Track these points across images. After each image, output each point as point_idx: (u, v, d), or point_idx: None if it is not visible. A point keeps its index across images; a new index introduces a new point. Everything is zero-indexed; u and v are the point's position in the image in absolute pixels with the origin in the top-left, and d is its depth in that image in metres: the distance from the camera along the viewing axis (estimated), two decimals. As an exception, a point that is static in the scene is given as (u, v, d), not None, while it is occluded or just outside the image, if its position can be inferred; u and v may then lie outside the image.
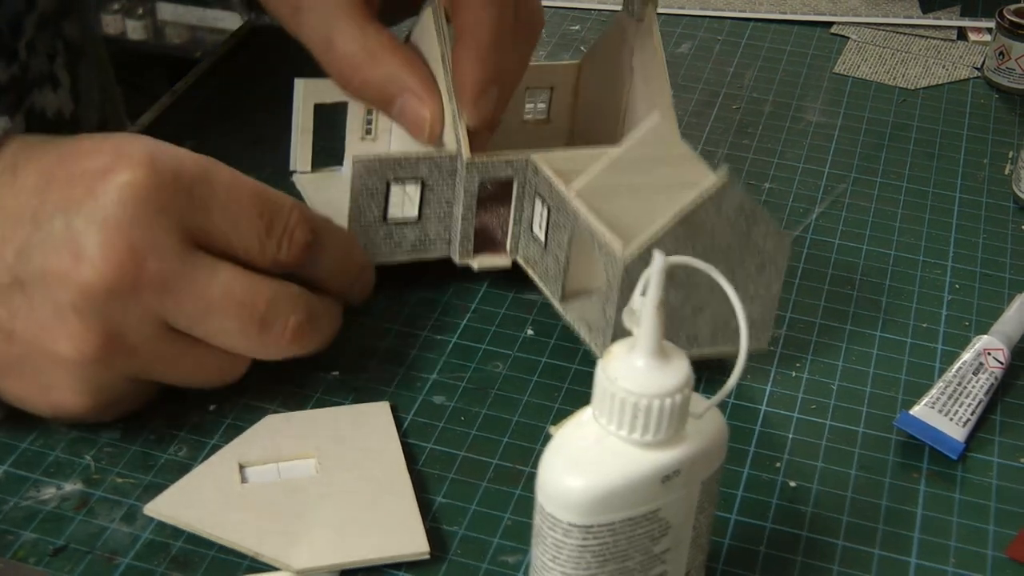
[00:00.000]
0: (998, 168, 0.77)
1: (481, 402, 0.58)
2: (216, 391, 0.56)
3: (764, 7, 0.94)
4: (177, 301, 0.51)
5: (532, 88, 0.69)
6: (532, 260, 0.62)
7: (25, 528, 0.51)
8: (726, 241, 0.56)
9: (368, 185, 0.59)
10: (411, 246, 0.62)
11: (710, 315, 0.57)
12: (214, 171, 0.52)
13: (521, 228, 0.62)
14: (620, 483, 0.41)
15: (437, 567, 0.50)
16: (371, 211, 0.60)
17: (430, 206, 0.61)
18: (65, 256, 0.49)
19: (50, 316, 0.50)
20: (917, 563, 0.52)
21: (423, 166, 0.60)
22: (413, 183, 0.60)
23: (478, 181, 0.60)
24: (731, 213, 0.55)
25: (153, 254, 0.50)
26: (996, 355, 0.60)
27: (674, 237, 0.54)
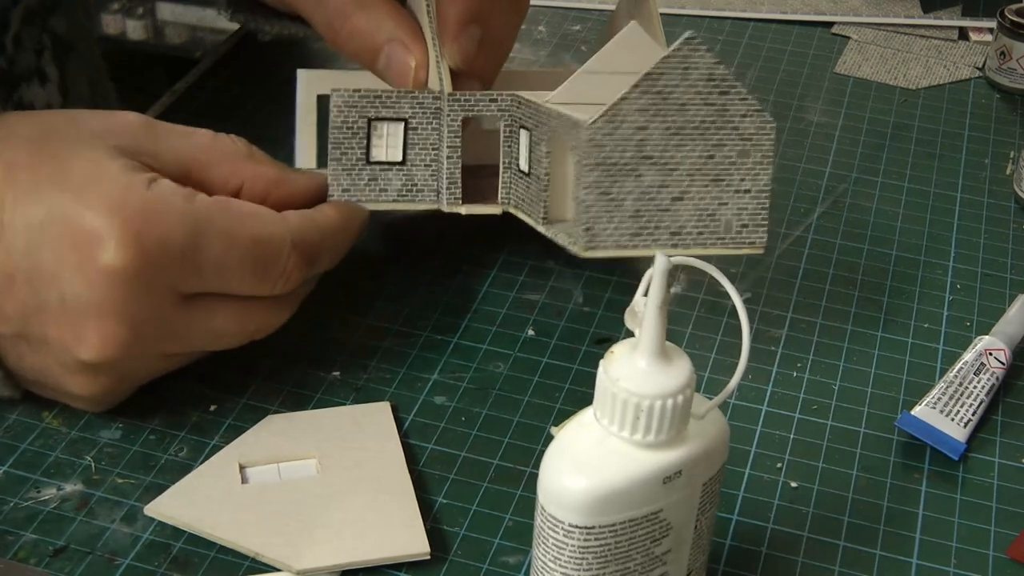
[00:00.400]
0: (999, 168, 0.77)
1: (482, 402, 0.58)
2: (216, 391, 0.56)
3: (765, 7, 0.94)
4: (176, 344, 0.54)
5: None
6: (519, 200, 0.60)
7: (26, 529, 0.51)
8: (699, 116, 0.53)
9: (348, 120, 0.58)
10: (397, 193, 0.60)
11: (692, 205, 0.55)
12: (204, 234, 0.52)
13: (510, 172, 0.60)
14: (621, 484, 0.41)
15: (438, 568, 0.50)
16: (353, 150, 0.58)
17: (415, 150, 0.59)
18: (65, 331, 0.51)
19: (58, 371, 0.53)
20: (918, 564, 0.52)
21: (405, 104, 0.58)
22: (396, 123, 0.58)
23: (461, 117, 0.59)
24: (700, 82, 0.53)
25: (149, 323, 0.52)
26: (997, 355, 0.60)
27: (640, 109, 0.52)
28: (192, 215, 0.52)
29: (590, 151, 0.53)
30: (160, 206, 0.51)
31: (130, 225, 0.50)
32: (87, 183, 0.51)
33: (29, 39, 0.74)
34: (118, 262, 0.50)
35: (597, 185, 0.53)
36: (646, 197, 0.54)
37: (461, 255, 0.66)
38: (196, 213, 0.52)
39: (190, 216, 0.52)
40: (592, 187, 0.53)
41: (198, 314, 0.53)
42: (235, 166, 0.56)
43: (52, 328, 0.51)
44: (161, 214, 0.51)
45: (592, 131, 0.52)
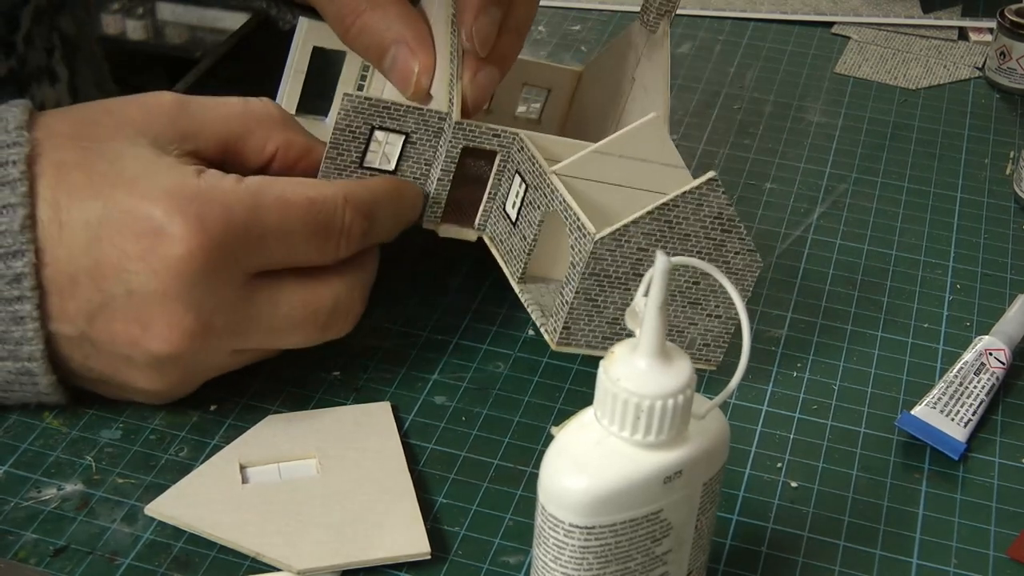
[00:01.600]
0: (999, 168, 0.77)
1: (482, 402, 0.58)
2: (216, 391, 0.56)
3: (765, 7, 0.94)
4: (244, 333, 0.53)
5: (530, 85, 0.69)
6: (498, 238, 0.60)
7: (26, 529, 0.51)
8: (698, 247, 0.55)
9: (352, 125, 0.58)
10: None
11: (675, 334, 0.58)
12: (262, 204, 0.52)
13: (494, 205, 0.61)
14: (622, 484, 0.41)
15: (438, 568, 0.50)
16: (349, 153, 0.59)
17: (408, 162, 0.59)
18: (132, 326, 0.51)
19: (124, 368, 0.53)
20: (918, 564, 0.52)
21: (410, 118, 0.59)
22: (397, 134, 0.59)
23: (462, 145, 0.59)
24: (709, 219, 0.55)
25: (217, 311, 0.52)
26: (997, 355, 0.60)
27: (647, 230, 0.54)
28: (245, 191, 0.52)
29: (590, 261, 0.54)
30: (214, 189, 0.52)
31: (189, 209, 0.50)
32: (139, 177, 0.51)
33: (40, 38, 0.74)
34: (183, 248, 0.50)
35: (586, 292, 0.55)
36: (626, 307, 0.54)
37: (461, 255, 0.66)
38: (248, 189, 0.52)
39: (244, 192, 0.52)
40: (581, 293, 0.55)
41: (264, 296, 0.53)
42: (270, 132, 0.57)
43: (119, 323, 0.51)
44: (217, 195, 0.51)
45: (598, 244, 0.54)
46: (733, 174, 0.75)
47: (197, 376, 0.55)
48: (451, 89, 0.59)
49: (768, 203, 0.73)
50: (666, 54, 0.63)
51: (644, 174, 0.58)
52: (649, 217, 0.54)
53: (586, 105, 0.69)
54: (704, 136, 0.79)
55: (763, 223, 0.71)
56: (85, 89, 0.80)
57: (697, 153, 0.77)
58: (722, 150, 0.77)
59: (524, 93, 0.69)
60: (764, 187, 0.74)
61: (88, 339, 0.52)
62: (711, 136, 0.79)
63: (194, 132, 0.55)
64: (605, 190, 0.57)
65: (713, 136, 0.79)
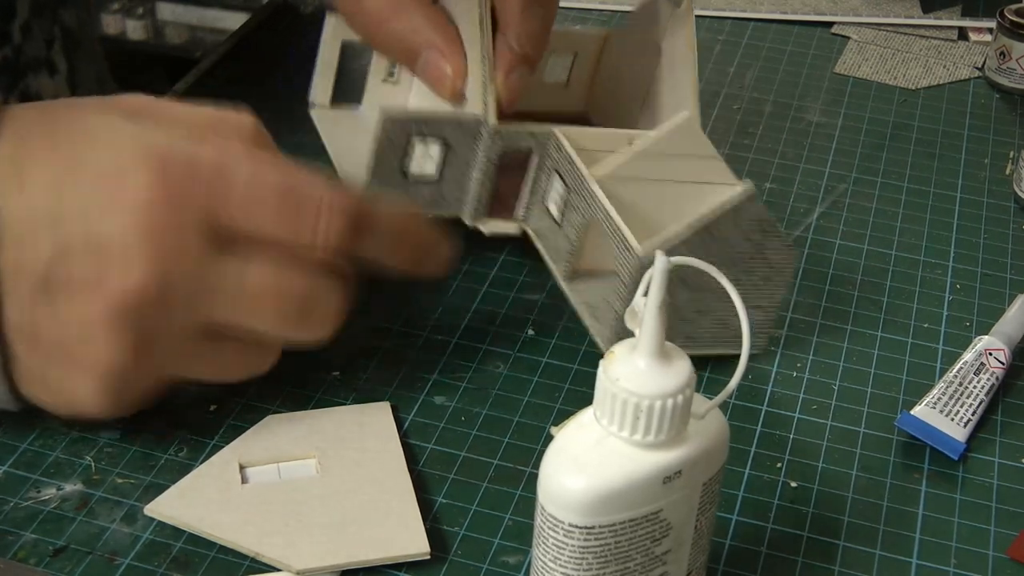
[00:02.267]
0: (999, 168, 0.77)
1: (482, 402, 0.58)
2: (216, 391, 0.56)
3: (765, 7, 0.94)
4: (209, 298, 0.50)
5: (556, 52, 0.69)
6: (542, 233, 0.61)
7: (26, 528, 0.51)
8: (739, 251, 0.56)
9: (392, 138, 0.58)
10: (426, 203, 0.61)
11: (713, 319, 0.58)
12: (231, 165, 0.50)
13: (535, 199, 0.61)
14: (621, 484, 0.41)
15: (438, 568, 0.50)
16: (391, 164, 0.59)
17: (450, 167, 0.60)
18: (91, 267, 0.48)
19: (78, 327, 0.49)
20: (918, 564, 0.52)
21: (448, 127, 0.59)
22: (436, 142, 0.59)
23: (500, 149, 0.60)
24: (748, 226, 0.56)
25: (179, 257, 0.49)
26: (997, 355, 0.60)
27: (690, 242, 0.55)
28: (217, 147, 0.51)
29: (635, 274, 0.54)
30: (183, 142, 0.50)
31: (154, 154, 0.49)
32: (103, 134, 0.50)
33: (40, 29, 0.74)
34: (145, 189, 0.48)
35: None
36: (676, 314, 0.56)
37: (461, 255, 0.66)
38: (221, 146, 0.51)
39: (215, 147, 0.51)
40: (626, 302, 0.54)
41: (232, 266, 0.50)
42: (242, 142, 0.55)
43: (76, 268, 0.48)
44: (185, 146, 0.50)
45: (642, 259, 0.54)
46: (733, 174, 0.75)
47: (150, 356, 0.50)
48: (484, 91, 0.59)
49: (768, 203, 0.73)
50: (692, 29, 0.64)
51: (682, 168, 0.58)
52: (690, 230, 0.55)
53: (613, 70, 0.70)
54: (704, 136, 0.79)
55: (763, 223, 0.71)
56: (85, 84, 0.80)
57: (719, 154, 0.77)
58: (722, 150, 0.77)
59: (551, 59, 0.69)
60: (764, 187, 0.74)
61: (44, 296, 0.49)
62: (711, 136, 0.78)
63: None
64: (644, 188, 0.57)
65: (713, 136, 0.79)
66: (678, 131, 0.58)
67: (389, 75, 0.66)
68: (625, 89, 0.68)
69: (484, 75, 0.59)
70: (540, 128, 0.60)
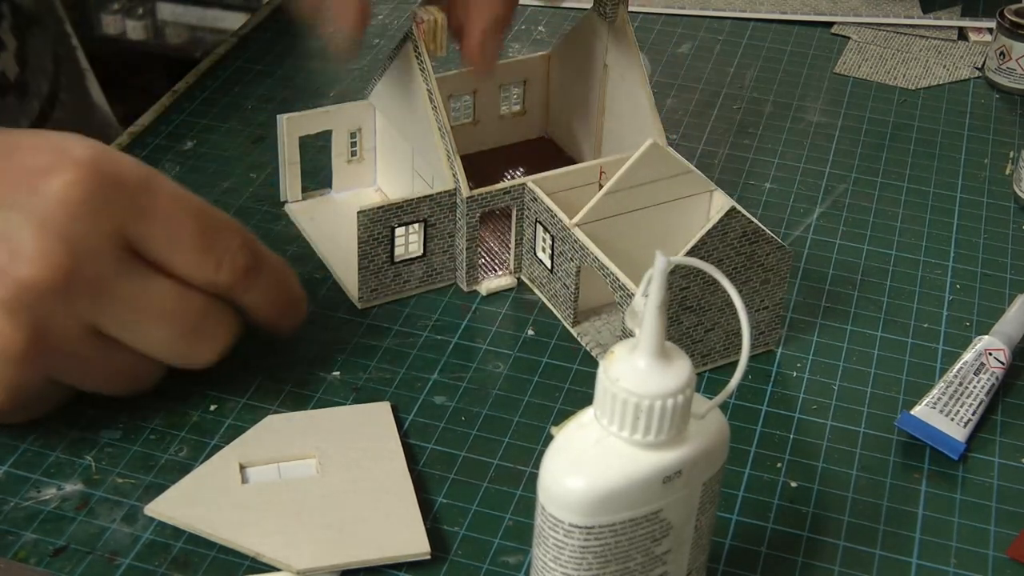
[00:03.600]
0: (999, 168, 0.77)
1: (482, 402, 0.58)
2: (216, 391, 0.56)
3: (764, 7, 0.94)
4: (110, 306, 0.51)
5: (506, 84, 0.70)
6: (539, 281, 0.63)
7: (26, 528, 0.51)
8: (732, 264, 0.57)
9: (374, 233, 0.61)
10: (419, 281, 0.63)
11: (721, 332, 0.59)
12: (158, 182, 0.52)
13: (523, 249, 0.64)
14: (621, 484, 0.41)
15: (438, 567, 0.50)
16: (379, 256, 0.61)
17: (434, 241, 0.62)
18: (2, 252, 0.49)
19: None
20: (918, 563, 0.52)
21: (424, 207, 0.61)
22: (416, 223, 0.61)
23: (478, 213, 0.62)
24: (735, 240, 0.57)
25: (89, 257, 0.50)
26: (997, 355, 0.60)
27: (684, 272, 0.56)
28: (147, 169, 0.52)
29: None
30: (118, 153, 0.52)
31: (88, 154, 0.50)
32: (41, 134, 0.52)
33: None
34: (71, 178, 0.50)
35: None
36: (684, 336, 0.58)
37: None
38: (151, 169, 0.52)
39: (145, 168, 0.52)
40: None
41: (138, 273, 0.51)
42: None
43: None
44: (119, 156, 0.52)
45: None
46: (733, 174, 0.75)
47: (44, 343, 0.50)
48: (451, 165, 0.61)
49: (768, 203, 0.73)
50: (632, 40, 0.65)
51: (658, 191, 0.60)
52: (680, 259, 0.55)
53: (563, 90, 0.71)
54: (704, 136, 0.79)
55: (763, 223, 0.70)
56: (39, 62, 0.80)
57: (697, 153, 0.77)
58: (722, 150, 0.77)
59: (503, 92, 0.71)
60: (764, 187, 0.74)
61: None
62: (711, 136, 0.79)
63: None
64: (626, 221, 0.60)
65: (713, 136, 0.79)
66: (645, 160, 0.59)
67: (352, 155, 0.69)
68: (580, 108, 0.70)
69: (447, 148, 0.61)
70: (512, 184, 0.62)
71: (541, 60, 0.71)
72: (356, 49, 0.59)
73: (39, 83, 0.81)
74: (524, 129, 0.72)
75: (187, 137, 0.75)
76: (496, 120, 0.71)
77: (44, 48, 0.81)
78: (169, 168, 0.72)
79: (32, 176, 0.50)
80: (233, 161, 0.73)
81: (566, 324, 0.62)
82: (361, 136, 0.68)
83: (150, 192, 0.51)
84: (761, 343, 0.61)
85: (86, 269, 0.50)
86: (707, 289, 0.57)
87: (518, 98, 0.71)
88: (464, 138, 0.68)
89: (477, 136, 0.70)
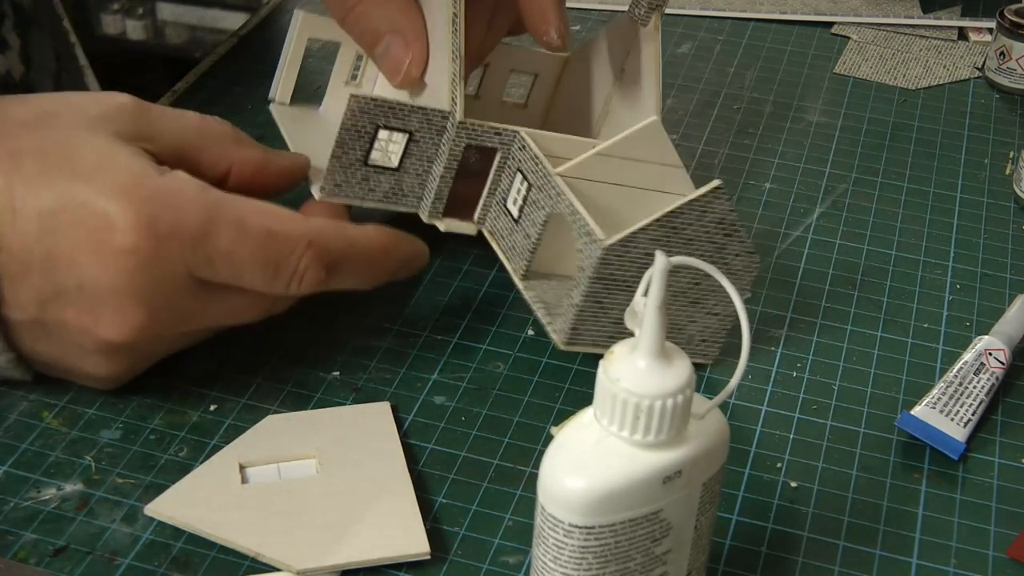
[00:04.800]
0: (999, 168, 0.77)
1: (482, 402, 0.58)
2: (216, 391, 0.56)
3: (765, 7, 0.94)
4: (192, 324, 0.54)
5: (517, 71, 0.69)
6: (499, 233, 0.61)
7: (26, 529, 0.51)
8: (700, 250, 0.56)
9: (358, 124, 0.59)
10: (383, 195, 0.61)
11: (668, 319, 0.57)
12: (215, 221, 0.52)
13: (494, 200, 0.61)
14: (621, 484, 0.41)
15: (438, 568, 0.50)
16: (355, 151, 0.59)
17: (411, 159, 0.60)
18: (84, 315, 0.51)
19: (75, 349, 0.53)
20: (918, 564, 0.52)
21: (415, 118, 0.59)
22: (401, 133, 0.60)
23: (464, 143, 0.60)
24: (712, 224, 0.56)
25: (166, 306, 0.52)
26: (997, 355, 0.60)
27: (654, 236, 0.55)
28: (205, 203, 0.52)
29: (599, 267, 0.55)
30: (173, 193, 0.52)
31: (143, 208, 0.51)
32: (97, 169, 0.51)
33: None
34: (131, 244, 0.50)
35: (594, 295, 0.56)
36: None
37: (461, 255, 0.66)
38: (209, 202, 0.52)
39: (203, 203, 0.52)
40: (589, 296, 0.55)
41: (213, 299, 0.54)
42: (224, 149, 0.57)
43: (70, 313, 0.51)
44: (174, 199, 0.51)
45: (607, 251, 0.54)
46: (733, 174, 0.75)
47: (146, 360, 0.56)
48: (454, 88, 0.59)
49: (768, 203, 0.73)
50: (657, 48, 0.64)
51: (644, 174, 0.59)
52: (656, 224, 0.55)
53: (572, 91, 0.70)
54: (704, 136, 0.79)
55: (763, 223, 0.71)
56: (42, 61, 0.80)
57: (697, 153, 0.77)
58: (722, 150, 0.77)
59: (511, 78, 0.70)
60: (764, 187, 0.74)
61: (40, 325, 0.52)
62: (711, 136, 0.79)
63: (152, 135, 0.55)
64: (607, 190, 0.58)
65: (713, 136, 0.79)
66: (643, 135, 0.58)
67: (352, 77, 0.67)
68: (581, 113, 0.69)
69: (454, 72, 0.60)
70: (506, 126, 0.60)
71: (558, 61, 0.70)
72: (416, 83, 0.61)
73: (44, 82, 0.81)
74: (521, 122, 0.71)
75: (187, 137, 0.75)
76: (496, 104, 0.70)
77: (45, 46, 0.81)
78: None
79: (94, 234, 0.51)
80: (233, 161, 0.73)
81: (515, 278, 0.59)
82: (366, 62, 0.66)
83: (210, 234, 0.52)
84: (700, 351, 0.60)
85: (164, 317, 0.52)
86: None
87: (524, 90, 0.70)
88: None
89: (474, 111, 0.68)
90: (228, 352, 0.59)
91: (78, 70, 0.88)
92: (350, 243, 0.56)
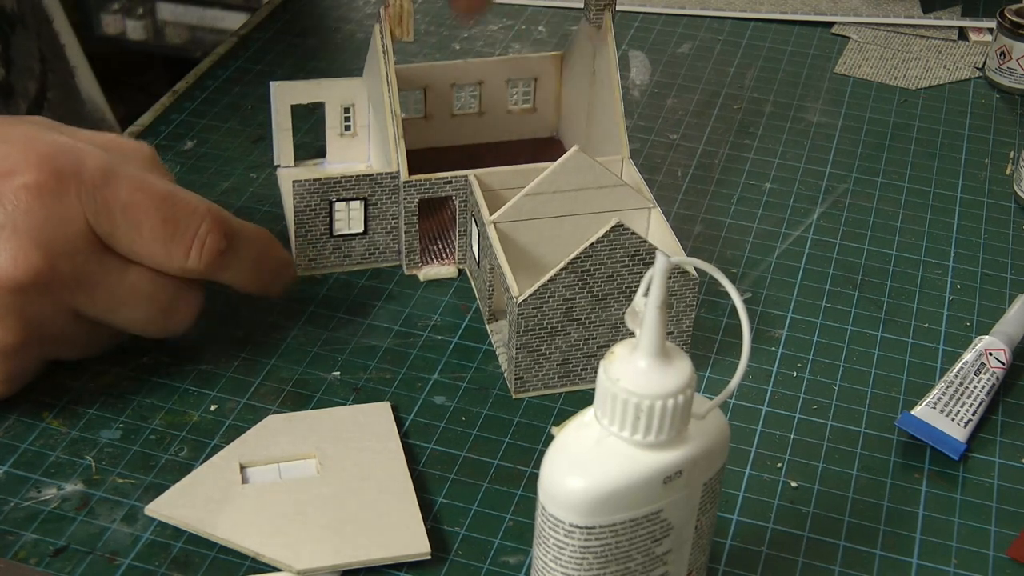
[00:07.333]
0: (999, 168, 0.77)
1: (482, 403, 0.58)
2: (216, 391, 0.56)
3: (765, 7, 0.94)
4: (89, 295, 0.53)
5: (513, 79, 0.70)
6: (473, 274, 0.64)
7: (26, 529, 0.51)
8: (625, 283, 0.57)
9: (310, 205, 0.61)
10: (360, 257, 0.64)
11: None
12: (117, 174, 0.53)
13: (467, 241, 0.64)
14: (622, 484, 0.41)
15: (438, 568, 0.50)
16: (316, 228, 0.62)
17: (375, 220, 0.63)
18: None
19: None
20: (918, 564, 0.52)
21: (364, 185, 0.62)
22: (356, 201, 0.62)
23: (416, 199, 0.62)
24: (626, 258, 0.56)
25: (63, 256, 0.52)
26: (997, 355, 0.60)
27: (568, 282, 0.56)
28: (108, 159, 0.53)
29: (520, 320, 0.56)
30: (79, 149, 0.53)
31: (47, 152, 0.52)
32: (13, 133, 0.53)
33: None
34: (31, 180, 0.51)
35: (527, 345, 0.57)
36: (574, 349, 0.58)
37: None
38: (113, 160, 0.53)
39: (106, 159, 0.53)
40: (523, 347, 0.57)
41: (114, 261, 0.53)
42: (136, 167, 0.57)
43: None
44: (80, 153, 0.53)
45: (522, 306, 0.56)
46: (733, 174, 0.75)
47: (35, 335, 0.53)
48: (396, 148, 0.62)
49: (768, 203, 0.73)
50: (612, 48, 0.65)
51: (585, 200, 0.60)
52: (565, 272, 0.55)
53: (569, 92, 0.71)
54: (704, 136, 0.79)
55: (763, 223, 0.71)
56: (25, 63, 0.80)
57: (697, 153, 0.77)
58: (722, 150, 0.77)
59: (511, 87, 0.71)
60: (764, 187, 0.74)
61: None
62: (711, 136, 0.79)
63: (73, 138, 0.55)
64: (544, 226, 0.60)
65: (713, 136, 0.79)
66: (567, 166, 0.59)
67: (345, 129, 0.69)
68: (581, 111, 0.70)
69: (394, 132, 0.62)
70: (454, 173, 0.62)
71: (553, 59, 0.70)
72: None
73: (25, 84, 0.81)
74: (534, 127, 0.72)
75: (187, 137, 0.75)
76: (504, 115, 0.71)
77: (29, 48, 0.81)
78: (169, 168, 0.72)
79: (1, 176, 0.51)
80: (233, 161, 0.73)
81: (485, 319, 0.62)
82: (355, 112, 0.68)
83: (109, 185, 0.53)
84: None
85: (62, 266, 0.52)
86: (597, 304, 0.56)
87: (527, 95, 0.71)
88: (468, 128, 0.69)
89: (482, 127, 0.70)
90: (228, 352, 0.59)
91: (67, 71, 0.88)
92: (241, 224, 0.57)
